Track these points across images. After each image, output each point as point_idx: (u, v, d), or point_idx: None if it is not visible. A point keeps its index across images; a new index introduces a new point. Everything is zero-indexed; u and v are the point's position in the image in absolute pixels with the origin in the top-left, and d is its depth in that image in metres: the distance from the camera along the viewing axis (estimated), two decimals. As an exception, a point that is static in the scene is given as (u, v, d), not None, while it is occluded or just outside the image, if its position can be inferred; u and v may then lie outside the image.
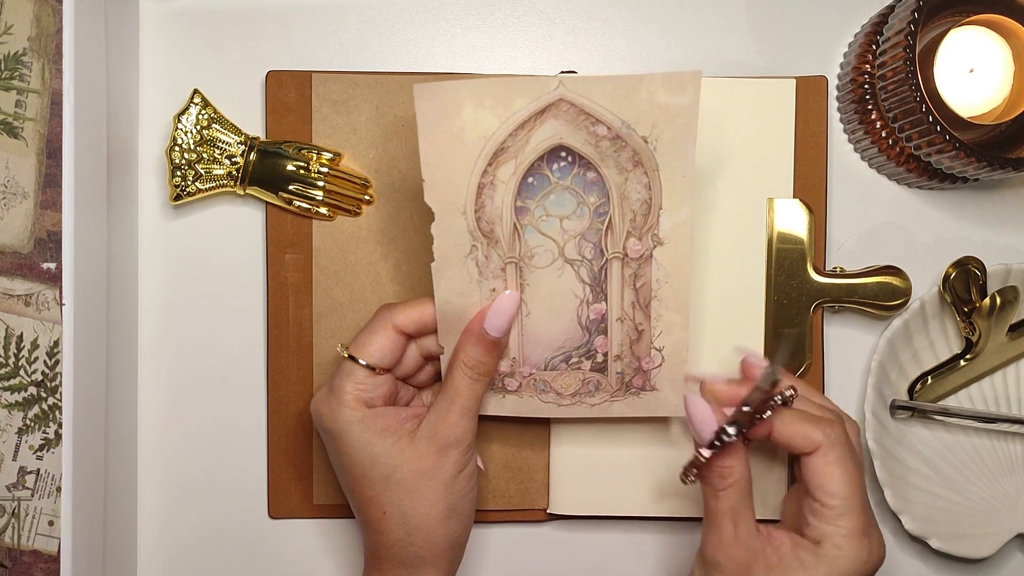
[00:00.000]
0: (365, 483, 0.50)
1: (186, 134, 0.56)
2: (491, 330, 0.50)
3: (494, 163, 0.48)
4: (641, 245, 0.50)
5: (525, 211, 0.49)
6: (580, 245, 0.50)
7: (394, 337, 0.50)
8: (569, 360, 0.52)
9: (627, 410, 0.53)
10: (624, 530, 0.60)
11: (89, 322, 0.51)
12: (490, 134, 0.47)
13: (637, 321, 0.51)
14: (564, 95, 0.46)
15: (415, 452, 0.50)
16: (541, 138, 0.48)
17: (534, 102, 0.47)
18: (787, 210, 0.57)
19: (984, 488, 0.59)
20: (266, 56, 0.59)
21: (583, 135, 0.48)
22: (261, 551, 0.59)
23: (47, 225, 0.57)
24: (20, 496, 0.56)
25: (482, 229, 0.49)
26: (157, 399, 0.59)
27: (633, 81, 0.46)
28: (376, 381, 0.50)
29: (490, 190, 0.49)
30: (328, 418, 0.50)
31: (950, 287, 0.57)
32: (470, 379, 0.50)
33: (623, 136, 0.47)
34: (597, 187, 0.49)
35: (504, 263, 0.50)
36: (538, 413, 0.54)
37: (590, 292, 0.51)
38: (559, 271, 0.50)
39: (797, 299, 0.57)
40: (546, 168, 0.49)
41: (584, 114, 0.47)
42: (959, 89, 0.55)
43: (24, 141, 0.56)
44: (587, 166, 0.48)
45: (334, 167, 0.57)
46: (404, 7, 0.59)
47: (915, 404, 0.58)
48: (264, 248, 0.58)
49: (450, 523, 0.50)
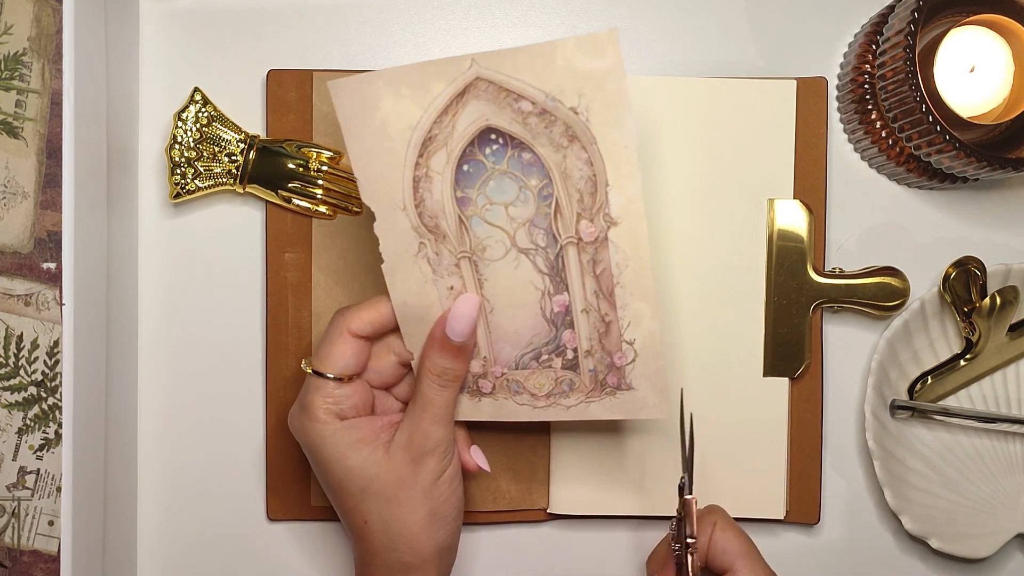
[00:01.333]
0: (344, 494, 0.49)
1: (186, 132, 0.56)
2: (453, 336, 0.49)
3: (424, 153, 0.46)
4: (594, 227, 0.47)
5: (467, 201, 0.47)
6: (531, 232, 0.48)
7: (353, 343, 0.49)
8: (539, 358, 0.50)
9: (604, 412, 0.51)
10: (624, 530, 0.60)
11: (89, 322, 0.51)
12: (415, 123, 0.46)
13: (603, 312, 0.49)
14: (480, 73, 0.44)
15: (390, 463, 0.49)
16: (467, 122, 0.46)
17: (451, 85, 0.45)
18: (787, 211, 0.57)
19: (984, 488, 0.59)
20: (266, 55, 0.59)
21: (508, 114, 0.45)
22: (260, 553, 0.59)
23: (47, 225, 0.57)
24: (20, 496, 0.56)
25: (426, 224, 0.48)
26: (157, 399, 0.59)
27: (546, 49, 0.43)
28: (345, 392, 0.49)
29: (426, 183, 0.47)
30: (301, 433, 0.50)
31: (950, 287, 0.57)
32: (439, 387, 0.49)
33: (550, 109, 0.45)
34: (536, 168, 0.47)
35: (457, 258, 0.48)
36: (513, 416, 0.52)
37: (550, 283, 0.49)
38: (515, 262, 0.48)
39: (797, 299, 0.57)
40: (479, 153, 0.47)
41: (504, 91, 0.45)
42: (959, 89, 0.55)
43: (24, 141, 0.56)
44: (520, 147, 0.46)
45: (334, 166, 0.57)
46: (404, 7, 0.59)
47: (915, 404, 0.58)
48: (263, 247, 0.58)
49: (433, 528, 0.49)
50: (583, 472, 0.58)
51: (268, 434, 0.58)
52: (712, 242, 0.57)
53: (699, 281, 0.57)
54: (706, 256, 0.57)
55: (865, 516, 0.60)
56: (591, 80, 0.44)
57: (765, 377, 0.57)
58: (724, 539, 0.51)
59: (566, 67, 0.44)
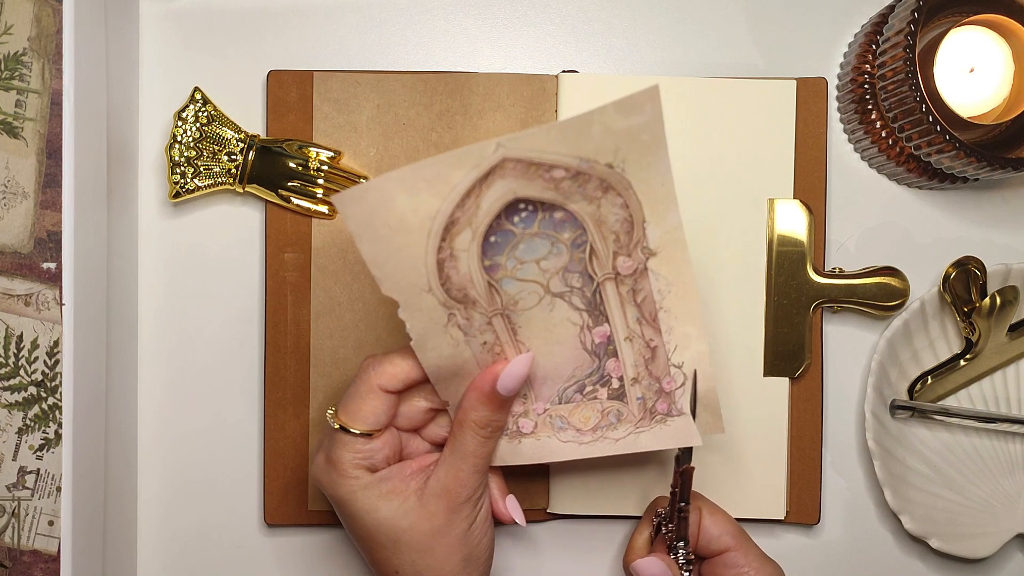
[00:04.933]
0: (374, 546, 0.48)
1: (186, 131, 0.56)
2: (504, 391, 0.47)
3: (447, 237, 0.44)
4: (632, 260, 0.46)
5: (496, 267, 0.45)
6: (565, 277, 0.46)
7: (383, 398, 0.47)
8: (583, 390, 0.49)
9: (655, 442, 0.49)
10: (624, 530, 0.60)
11: (89, 322, 0.51)
12: (434, 213, 0.43)
13: (648, 337, 0.48)
14: (507, 155, 0.42)
15: (424, 512, 0.47)
16: (492, 199, 0.43)
17: (473, 170, 0.42)
18: (787, 211, 0.57)
19: (984, 488, 0.59)
20: (266, 56, 0.59)
21: (539, 184, 0.43)
22: (257, 556, 0.59)
23: (47, 225, 0.57)
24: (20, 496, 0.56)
25: (454, 297, 0.46)
26: (157, 398, 0.59)
27: (582, 121, 0.41)
28: (374, 446, 0.48)
29: (452, 261, 0.45)
30: (329, 488, 0.48)
31: (950, 287, 0.57)
32: (483, 438, 0.48)
33: (585, 171, 0.43)
34: (568, 223, 0.45)
35: (489, 317, 0.47)
36: (557, 456, 0.50)
37: (588, 317, 0.47)
38: (549, 307, 0.47)
39: (797, 299, 0.57)
40: (507, 224, 0.44)
41: (535, 165, 0.42)
42: (959, 89, 0.55)
43: (24, 141, 0.56)
44: (551, 208, 0.44)
45: (334, 165, 0.57)
46: (404, 7, 0.59)
47: (915, 404, 0.58)
48: (263, 247, 0.58)
49: (467, 572, 0.48)
50: (583, 472, 0.58)
51: (266, 436, 0.58)
52: (712, 242, 0.57)
53: (699, 281, 0.57)
54: (706, 256, 0.57)
55: (865, 516, 0.60)
56: (628, 135, 0.42)
57: (765, 377, 0.57)
58: (713, 523, 0.52)
59: (603, 131, 0.42)
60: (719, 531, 0.52)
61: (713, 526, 0.52)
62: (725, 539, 0.52)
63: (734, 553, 0.51)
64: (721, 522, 0.52)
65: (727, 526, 0.52)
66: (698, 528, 0.52)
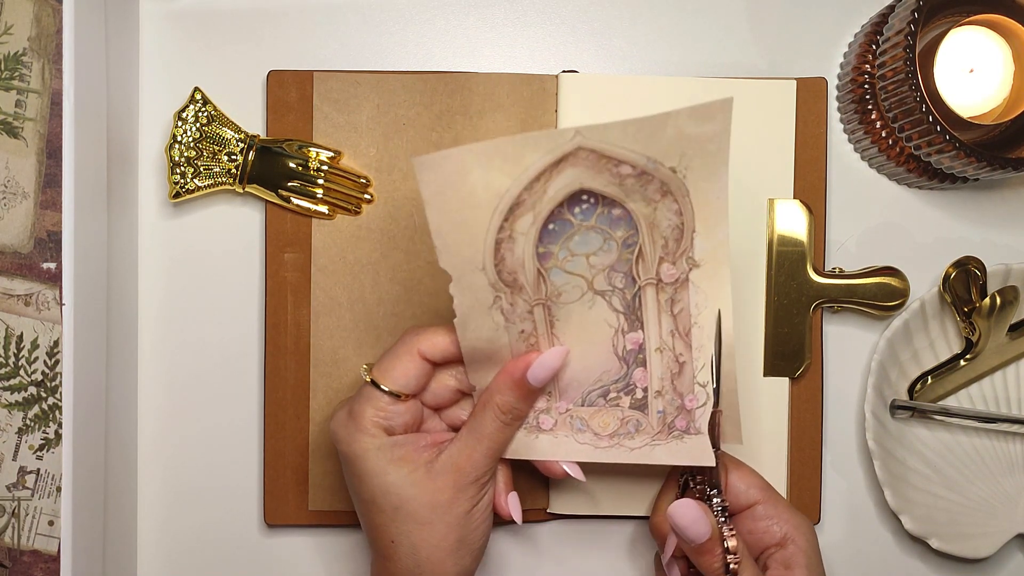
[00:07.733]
0: (375, 510, 0.49)
1: (186, 131, 0.56)
2: (535, 381, 0.48)
3: (510, 218, 0.45)
4: (676, 269, 0.47)
5: (548, 256, 0.47)
6: (610, 276, 0.47)
7: (419, 363, 0.48)
8: (607, 395, 0.49)
9: (668, 456, 0.50)
10: (624, 530, 0.60)
11: (89, 322, 0.51)
12: (503, 191, 0.44)
13: (678, 352, 0.48)
14: (583, 144, 0.43)
15: (431, 484, 0.48)
16: (559, 186, 0.45)
17: (548, 154, 0.44)
18: (787, 211, 0.57)
19: (984, 488, 0.59)
20: (266, 56, 0.59)
21: (606, 177, 0.45)
22: (258, 556, 0.59)
23: (47, 225, 0.57)
24: (20, 496, 0.56)
25: (504, 280, 0.47)
26: (157, 398, 0.59)
27: (658, 121, 0.43)
28: (398, 409, 0.48)
29: (509, 243, 0.46)
30: (345, 442, 0.49)
31: (950, 287, 0.57)
32: (502, 423, 0.48)
33: (649, 171, 0.44)
34: (624, 221, 0.46)
35: (531, 306, 0.48)
36: (572, 457, 0.51)
37: (624, 321, 0.48)
38: (589, 303, 0.48)
39: (797, 299, 0.57)
40: (567, 213, 0.46)
41: (606, 158, 0.44)
42: (959, 89, 0.55)
43: (24, 141, 0.56)
44: (611, 204, 0.46)
45: (334, 165, 0.57)
46: (404, 7, 0.59)
47: (915, 404, 0.58)
48: (263, 247, 0.58)
49: (460, 555, 0.49)
50: (583, 472, 0.58)
51: (266, 436, 0.58)
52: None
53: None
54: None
55: (865, 516, 0.60)
56: (696, 142, 0.44)
57: (765, 377, 0.57)
58: (739, 477, 0.52)
59: (675, 134, 0.43)
60: (746, 485, 0.52)
61: (739, 480, 0.52)
62: (753, 492, 0.51)
63: (763, 506, 0.51)
64: (747, 476, 0.52)
65: (753, 479, 0.52)
66: (725, 485, 0.51)
